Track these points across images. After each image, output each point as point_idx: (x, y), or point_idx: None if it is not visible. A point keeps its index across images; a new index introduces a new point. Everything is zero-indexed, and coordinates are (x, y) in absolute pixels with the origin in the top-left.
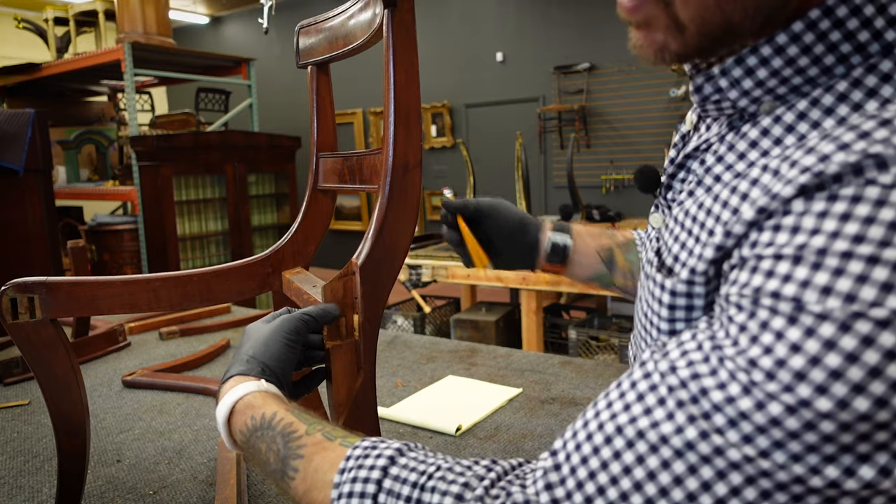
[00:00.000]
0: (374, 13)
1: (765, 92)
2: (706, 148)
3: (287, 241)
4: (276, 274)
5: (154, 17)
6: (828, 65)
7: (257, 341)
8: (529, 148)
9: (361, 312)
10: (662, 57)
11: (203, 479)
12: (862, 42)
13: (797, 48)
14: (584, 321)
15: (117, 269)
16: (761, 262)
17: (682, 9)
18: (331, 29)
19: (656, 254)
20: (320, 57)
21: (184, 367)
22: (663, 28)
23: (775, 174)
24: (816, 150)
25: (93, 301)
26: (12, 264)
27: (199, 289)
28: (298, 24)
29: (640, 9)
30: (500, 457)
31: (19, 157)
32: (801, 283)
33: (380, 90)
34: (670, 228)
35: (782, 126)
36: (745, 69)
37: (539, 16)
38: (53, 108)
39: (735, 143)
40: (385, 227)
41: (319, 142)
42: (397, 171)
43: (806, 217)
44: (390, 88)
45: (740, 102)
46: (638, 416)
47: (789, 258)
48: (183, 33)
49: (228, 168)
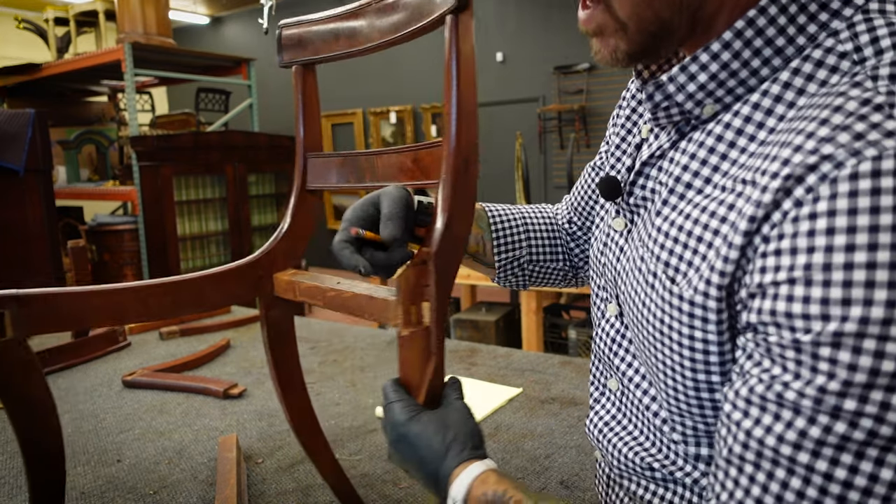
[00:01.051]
0: (417, 15)
1: (706, 95)
2: (660, 155)
3: (278, 242)
4: (268, 277)
5: (154, 17)
6: (755, 68)
7: (462, 422)
8: (529, 148)
9: (433, 300)
10: (616, 57)
11: (203, 479)
12: (780, 46)
13: (729, 54)
14: (584, 321)
15: (117, 269)
16: (779, 287)
17: (620, 9)
18: (330, 30)
19: (641, 260)
20: (311, 57)
21: (184, 367)
22: (612, 32)
23: (751, 183)
24: (778, 158)
25: (75, 314)
26: (12, 264)
27: (191, 295)
28: (281, 22)
29: (591, 18)
30: (500, 457)
31: (19, 157)
32: (821, 301)
33: (379, 91)
34: (654, 238)
35: (732, 130)
36: (688, 75)
37: (539, 16)
38: (53, 108)
39: (692, 150)
40: (452, 218)
41: (307, 143)
42: (460, 166)
43: (799, 238)
44: (453, 87)
45: (686, 105)
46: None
47: (801, 280)
48: (183, 33)
49: (228, 168)
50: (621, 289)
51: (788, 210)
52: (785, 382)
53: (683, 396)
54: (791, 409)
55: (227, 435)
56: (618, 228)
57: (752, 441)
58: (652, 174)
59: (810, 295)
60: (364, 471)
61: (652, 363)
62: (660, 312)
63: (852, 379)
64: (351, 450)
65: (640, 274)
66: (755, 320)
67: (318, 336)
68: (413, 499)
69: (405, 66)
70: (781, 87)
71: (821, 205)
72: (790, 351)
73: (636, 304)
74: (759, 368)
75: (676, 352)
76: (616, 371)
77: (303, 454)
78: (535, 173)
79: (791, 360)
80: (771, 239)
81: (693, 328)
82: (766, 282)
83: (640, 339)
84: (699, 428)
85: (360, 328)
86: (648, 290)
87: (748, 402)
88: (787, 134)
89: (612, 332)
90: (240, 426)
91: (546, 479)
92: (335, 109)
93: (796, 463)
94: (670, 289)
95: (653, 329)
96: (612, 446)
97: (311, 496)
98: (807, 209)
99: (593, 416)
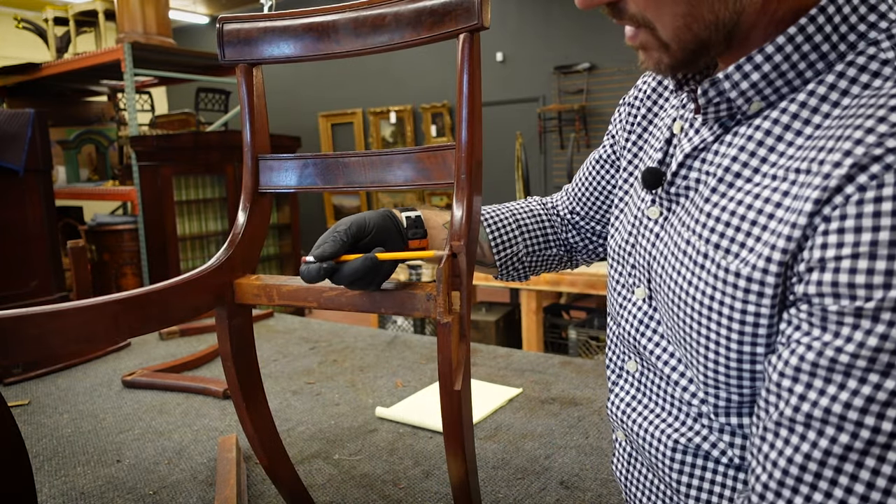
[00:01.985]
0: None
1: (756, 92)
2: (703, 148)
3: (236, 247)
4: (229, 285)
5: (154, 17)
6: (801, 70)
7: None
8: (529, 148)
9: (463, 289)
10: (660, 69)
11: (203, 479)
12: (825, 52)
13: (780, 56)
14: (584, 321)
15: (117, 269)
16: (841, 262)
17: (663, 32)
18: (291, 28)
19: (687, 243)
20: (257, 58)
21: (184, 367)
22: (656, 48)
23: (806, 172)
24: (838, 150)
25: (40, 339)
26: (12, 264)
27: (158, 309)
28: (221, 16)
29: (636, 37)
30: (501, 457)
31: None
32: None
33: (379, 91)
34: (702, 222)
35: (780, 125)
36: (742, 73)
37: (539, 16)
38: (53, 108)
39: (740, 143)
40: (471, 213)
41: (256, 144)
42: (473, 167)
43: (864, 218)
44: (463, 94)
45: (737, 101)
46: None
47: (865, 255)
48: (183, 33)
49: (228, 168)
50: (656, 272)
51: (851, 194)
52: (838, 347)
53: (724, 369)
54: (842, 373)
55: (226, 435)
56: (653, 216)
57: (805, 404)
58: (695, 165)
59: (874, 267)
60: (364, 471)
61: (692, 339)
62: (710, 290)
63: None
64: (351, 450)
65: (684, 256)
66: (813, 291)
67: (318, 336)
68: (413, 499)
69: (405, 66)
70: (827, 88)
71: (886, 190)
72: (849, 317)
73: (676, 285)
74: (809, 337)
75: (725, 325)
76: (642, 351)
77: (302, 454)
78: (535, 173)
79: (848, 325)
80: (832, 219)
81: (747, 303)
82: (828, 256)
83: (678, 318)
84: (733, 399)
85: (360, 328)
86: (697, 271)
87: (798, 369)
88: (841, 129)
89: (640, 315)
90: (239, 426)
91: (546, 479)
92: (335, 109)
93: (846, 420)
94: (726, 267)
95: (699, 306)
96: (637, 425)
97: (311, 497)
98: (871, 193)
99: (613, 398)
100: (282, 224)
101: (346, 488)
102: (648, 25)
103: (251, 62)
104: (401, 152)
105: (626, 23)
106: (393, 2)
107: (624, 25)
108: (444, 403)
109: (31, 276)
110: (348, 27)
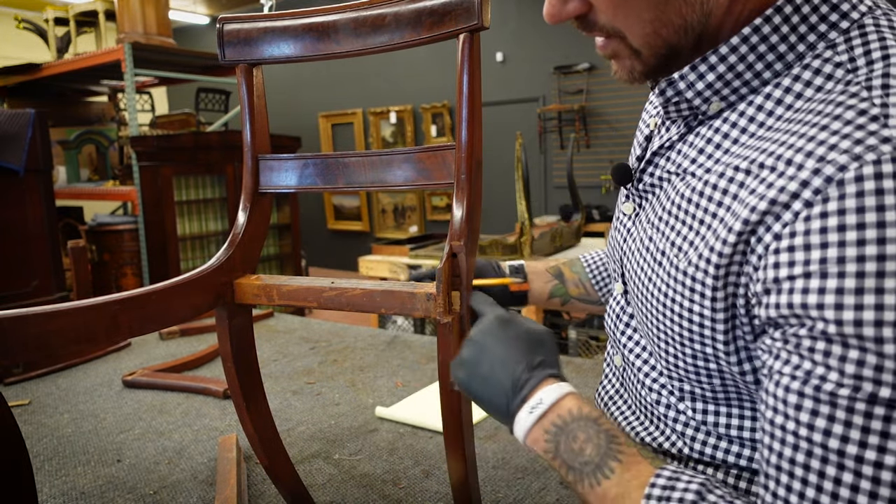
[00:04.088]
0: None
1: (713, 93)
2: (668, 146)
3: (236, 247)
4: (229, 285)
5: (154, 17)
6: (758, 70)
7: (530, 343)
8: (529, 148)
9: (462, 289)
10: (633, 77)
11: (203, 479)
12: (782, 52)
13: (735, 57)
14: (584, 321)
15: (117, 269)
16: (794, 281)
17: (634, 40)
18: (291, 28)
19: (649, 239)
20: (258, 58)
21: (184, 367)
22: (627, 56)
23: (753, 175)
24: (782, 158)
25: (40, 339)
26: (12, 264)
27: (158, 309)
28: (221, 16)
29: (606, 46)
30: (501, 457)
31: (19, 157)
32: (835, 292)
33: (379, 91)
34: (663, 219)
35: (736, 128)
36: (698, 74)
37: (539, 16)
38: (53, 108)
39: (698, 143)
40: (471, 213)
41: (256, 144)
42: (473, 167)
43: (811, 235)
44: (463, 94)
45: (694, 101)
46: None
47: (816, 274)
48: (183, 33)
49: (228, 168)
50: (627, 267)
51: (799, 210)
52: (821, 376)
53: (682, 363)
54: (829, 404)
55: (227, 435)
56: (626, 212)
57: (802, 442)
58: (661, 163)
59: (826, 286)
60: (364, 471)
61: (654, 334)
62: (664, 286)
63: (882, 364)
64: (351, 450)
65: (647, 252)
66: (775, 315)
67: (318, 336)
68: (413, 499)
69: (405, 66)
70: (783, 92)
71: (830, 205)
72: (821, 342)
73: (641, 281)
74: (789, 367)
75: (677, 323)
76: (621, 346)
77: (302, 454)
78: (535, 173)
79: (820, 353)
80: (782, 237)
81: (692, 302)
82: (781, 276)
83: (643, 312)
84: (696, 391)
85: (360, 328)
86: (656, 267)
87: (785, 402)
88: (787, 135)
89: (618, 309)
90: (239, 426)
91: (546, 479)
92: (335, 109)
93: (845, 456)
94: (676, 265)
95: (657, 302)
96: (613, 419)
97: (311, 496)
98: (817, 209)
99: (600, 389)
100: (282, 224)
101: (346, 488)
102: (618, 34)
103: (251, 62)
104: (401, 152)
105: (595, 34)
106: (393, 2)
107: (594, 37)
108: (444, 403)
109: (31, 276)
110: (348, 27)
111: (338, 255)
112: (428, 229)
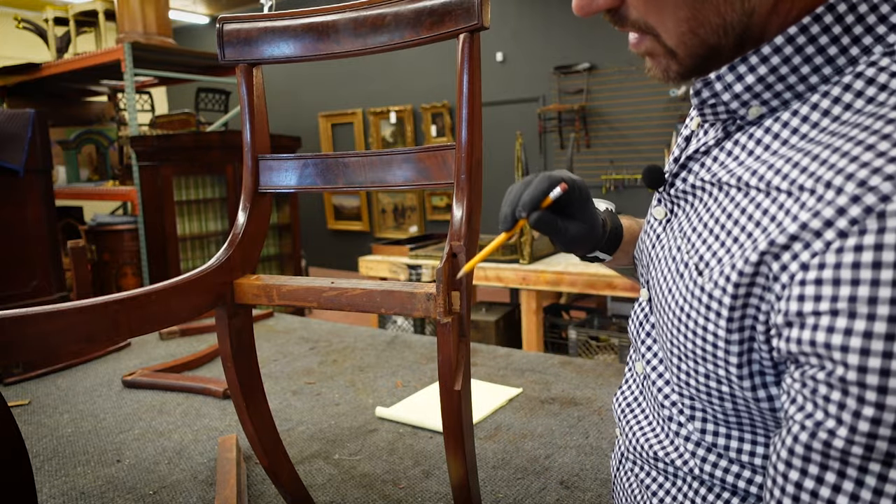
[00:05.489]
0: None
1: (752, 96)
2: (705, 151)
3: (236, 247)
4: (228, 285)
5: (154, 17)
6: (804, 74)
7: None
8: (529, 148)
9: (462, 289)
10: (668, 76)
11: (203, 479)
12: (832, 55)
13: (778, 58)
14: (584, 321)
15: (117, 269)
16: (820, 318)
17: (668, 39)
18: (291, 28)
19: (677, 249)
20: (257, 57)
21: (184, 367)
22: (662, 55)
23: (786, 193)
24: (821, 179)
25: (40, 339)
26: (12, 264)
27: (158, 309)
28: (221, 16)
29: (640, 44)
30: (501, 457)
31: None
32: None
33: (379, 91)
34: (695, 229)
35: (778, 139)
36: (736, 75)
37: (539, 16)
38: (53, 108)
39: (735, 151)
40: (471, 213)
41: (256, 144)
42: (473, 167)
43: (843, 270)
44: (463, 94)
45: (732, 105)
46: None
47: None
48: (183, 33)
49: (228, 168)
50: (652, 274)
51: (831, 241)
52: (830, 430)
53: (694, 382)
54: (839, 461)
55: (226, 435)
56: (658, 217)
57: (804, 494)
58: (695, 169)
59: (853, 327)
60: (364, 471)
61: (668, 348)
62: (682, 300)
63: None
64: (351, 450)
65: (672, 262)
66: (795, 350)
67: (318, 336)
68: (413, 499)
69: (405, 66)
70: (831, 102)
71: (867, 238)
72: (836, 392)
73: (662, 292)
74: (802, 414)
75: (691, 340)
76: (641, 355)
77: (302, 454)
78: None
79: (834, 403)
80: (810, 267)
81: (707, 320)
82: (805, 311)
83: (662, 323)
84: (707, 412)
85: (360, 328)
86: (677, 279)
87: (792, 452)
88: (829, 152)
89: (641, 316)
90: (239, 426)
91: (546, 479)
92: (335, 109)
93: None
94: (695, 279)
95: (673, 316)
96: (629, 428)
97: (311, 496)
98: (852, 241)
99: (619, 394)
100: (282, 224)
101: (346, 488)
102: (651, 32)
103: (251, 62)
104: (401, 152)
105: (628, 29)
106: (393, 2)
107: (627, 32)
108: (444, 403)
109: (31, 276)
110: (348, 27)
111: (338, 256)
112: (428, 229)
